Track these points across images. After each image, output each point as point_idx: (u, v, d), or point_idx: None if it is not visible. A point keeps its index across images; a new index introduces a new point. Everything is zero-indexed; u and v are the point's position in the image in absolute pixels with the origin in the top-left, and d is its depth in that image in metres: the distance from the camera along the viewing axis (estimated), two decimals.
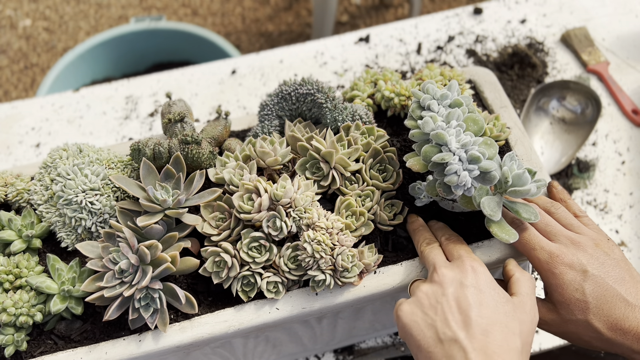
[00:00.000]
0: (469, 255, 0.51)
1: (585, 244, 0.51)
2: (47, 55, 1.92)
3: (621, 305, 0.48)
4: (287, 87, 0.62)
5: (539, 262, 0.51)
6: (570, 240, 0.52)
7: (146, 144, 0.57)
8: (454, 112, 0.52)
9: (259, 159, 0.57)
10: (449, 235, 0.55)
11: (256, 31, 1.94)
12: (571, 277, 0.49)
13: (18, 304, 0.53)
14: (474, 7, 1.03)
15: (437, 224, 0.57)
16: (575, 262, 0.50)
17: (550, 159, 0.86)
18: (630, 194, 0.84)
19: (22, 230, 0.57)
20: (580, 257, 0.50)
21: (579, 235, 0.52)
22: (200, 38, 1.42)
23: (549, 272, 0.50)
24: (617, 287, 0.49)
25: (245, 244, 0.53)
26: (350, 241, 0.53)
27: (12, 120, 0.94)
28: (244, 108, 0.94)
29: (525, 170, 0.50)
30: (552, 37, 1.00)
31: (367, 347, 0.73)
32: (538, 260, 0.51)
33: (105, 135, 0.92)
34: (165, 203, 0.53)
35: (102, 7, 2.03)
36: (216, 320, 0.53)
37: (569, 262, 0.50)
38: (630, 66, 0.96)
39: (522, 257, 0.56)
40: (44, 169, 0.60)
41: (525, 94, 0.93)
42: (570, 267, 0.50)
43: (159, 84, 0.98)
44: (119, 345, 0.53)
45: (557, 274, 0.50)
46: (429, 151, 0.50)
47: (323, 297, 0.54)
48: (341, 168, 0.57)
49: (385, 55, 0.98)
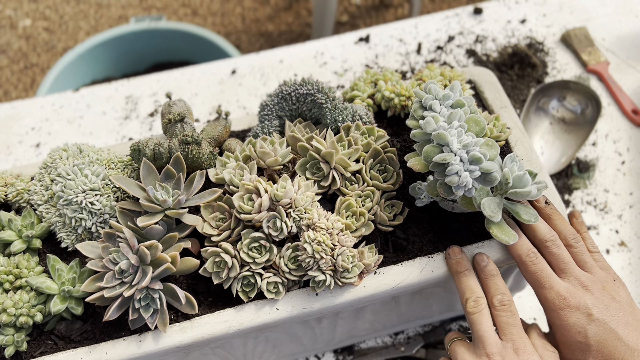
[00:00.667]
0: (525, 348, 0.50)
1: (593, 286, 0.52)
2: (47, 55, 1.92)
3: (622, 349, 0.49)
4: (287, 87, 0.62)
5: (546, 300, 0.52)
6: (579, 282, 0.52)
7: (146, 144, 0.57)
8: (456, 112, 0.52)
9: (259, 159, 0.57)
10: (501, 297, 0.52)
11: (256, 31, 1.94)
12: (575, 320, 0.50)
13: (18, 305, 0.53)
14: (474, 7, 1.03)
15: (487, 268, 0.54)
16: (581, 304, 0.51)
17: (550, 159, 0.86)
18: (630, 194, 0.84)
19: (22, 231, 0.57)
20: (586, 300, 0.51)
21: (589, 277, 0.53)
22: (200, 38, 1.42)
23: (554, 312, 0.51)
24: (620, 331, 0.50)
25: (245, 244, 0.53)
26: (350, 242, 0.53)
27: (12, 120, 0.94)
28: (244, 108, 0.94)
29: (526, 172, 0.50)
30: (552, 37, 1.00)
31: (367, 347, 0.73)
32: (545, 299, 0.52)
33: (105, 135, 0.92)
34: (165, 203, 0.53)
35: (102, 7, 2.03)
36: (216, 321, 0.53)
37: (575, 304, 0.51)
38: (630, 66, 0.96)
39: None
40: (44, 169, 0.60)
41: (525, 94, 0.93)
42: (575, 310, 0.51)
43: (159, 84, 0.98)
44: (119, 346, 0.53)
45: (562, 316, 0.51)
46: (430, 151, 0.50)
47: (323, 298, 0.54)
48: (341, 168, 0.57)
49: (385, 55, 0.98)
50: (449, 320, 0.74)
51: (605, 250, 0.79)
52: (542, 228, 0.54)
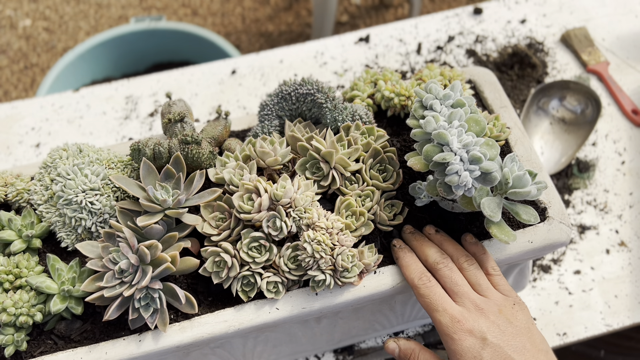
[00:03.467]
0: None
1: (489, 310, 0.51)
2: (47, 55, 1.92)
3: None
4: (287, 87, 0.62)
5: (440, 324, 0.51)
6: (474, 305, 0.51)
7: (146, 144, 0.57)
8: (457, 112, 0.52)
9: (259, 159, 0.57)
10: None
11: (256, 31, 1.94)
12: (469, 344, 0.49)
13: (18, 304, 0.53)
14: (474, 7, 1.03)
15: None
16: (475, 328, 0.49)
17: (550, 159, 0.86)
18: (630, 194, 0.84)
19: (22, 230, 0.57)
20: (481, 324, 0.50)
21: (484, 300, 0.52)
22: (200, 38, 1.42)
23: (448, 336, 0.50)
24: (516, 356, 0.48)
25: (245, 244, 0.53)
26: (350, 241, 0.53)
27: (12, 120, 0.94)
28: (244, 108, 0.94)
29: (525, 172, 0.50)
30: (552, 37, 1.00)
31: (367, 347, 0.73)
32: (440, 322, 0.51)
33: (105, 135, 0.92)
34: (165, 203, 0.53)
35: (102, 7, 2.03)
36: (216, 320, 0.53)
37: (470, 328, 0.49)
38: (630, 66, 0.96)
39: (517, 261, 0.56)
40: (44, 169, 0.60)
41: (525, 94, 0.93)
42: (470, 334, 0.49)
43: (159, 84, 0.98)
44: (119, 345, 0.53)
45: (456, 340, 0.49)
46: (430, 150, 0.50)
47: (323, 297, 0.54)
48: (341, 168, 0.57)
49: (385, 55, 0.98)
50: None
51: (605, 250, 0.79)
52: (433, 251, 0.54)
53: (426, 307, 0.52)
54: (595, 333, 0.74)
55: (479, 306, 0.51)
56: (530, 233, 0.57)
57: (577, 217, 0.82)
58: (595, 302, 0.75)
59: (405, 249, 0.56)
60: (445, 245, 0.56)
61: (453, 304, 0.51)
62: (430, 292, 0.52)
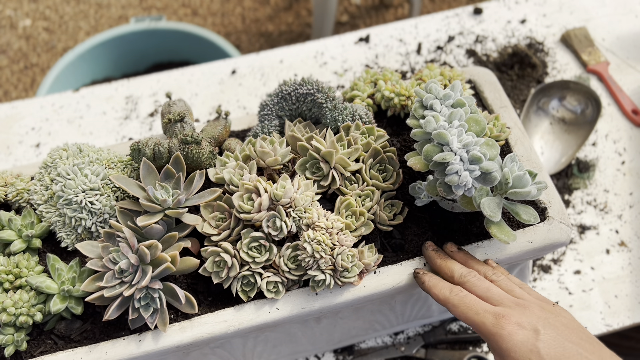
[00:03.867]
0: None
1: (531, 306, 0.47)
2: (47, 55, 1.92)
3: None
4: (287, 87, 0.62)
5: (483, 325, 0.46)
6: (515, 303, 0.47)
7: (146, 144, 0.57)
8: (457, 112, 0.52)
9: (259, 158, 0.57)
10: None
11: (256, 31, 1.94)
12: (522, 337, 0.44)
13: (18, 304, 0.53)
14: (474, 7, 1.03)
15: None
16: (524, 321, 0.45)
17: (550, 159, 0.86)
18: (630, 194, 0.84)
19: (22, 230, 0.57)
20: (529, 317, 0.46)
21: (523, 300, 0.48)
22: (200, 38, 1.42)
23: (496, 335, 0.45)
24: (575, 346, 0.44)
25: (245, 243, 0.53)
26: (350, 241, 0.53)
27: (12, 120, 0.94)
28: (244, 108, 0.94)
29: (525, 172, 0.50)
30: (552, 37, 0.99)
31: (367, 347, 0.73)
32: (482, 324, 0.46)
33: (105, 135, 0.92)
34: (165, 203, 0.53)
35: (102, 7, 2.03)
36: (216, 320, 0.53)
37: (517, 321, 0.45)
38: (630, 66, 0.96)
39: (522, 260, 0.56)
40: (44, 169, 0.60)
41: (525, 94, 0.93)
42: (520, 327, 0.45)
43: (159, 84, 0.98)
44: (119, 345, 0.53)
45: (506, 335, 0.44)
46: (430, 150, 0.50)
47: (323, 297, 0.54)
48: (341, 168, 0.57)
49: (385, 55, 0.98)
50: (449, 320, 0.74)
51: (605, 250, 0.79)
52: (459, 267, 0.52)
53: (464, 315, 0.48)
54: (595, 333, 0.74)
55: (520, 304, 0.47)
56: (530, 233, 0.57)
57: (577, 217, 0.82)
58: (595, 302, 0.75)
59: (428, 273, 0.53)
60: (469, 263, 0.54)
61: (491, 305, 0.48)
62: (465, 300, 0.48)
